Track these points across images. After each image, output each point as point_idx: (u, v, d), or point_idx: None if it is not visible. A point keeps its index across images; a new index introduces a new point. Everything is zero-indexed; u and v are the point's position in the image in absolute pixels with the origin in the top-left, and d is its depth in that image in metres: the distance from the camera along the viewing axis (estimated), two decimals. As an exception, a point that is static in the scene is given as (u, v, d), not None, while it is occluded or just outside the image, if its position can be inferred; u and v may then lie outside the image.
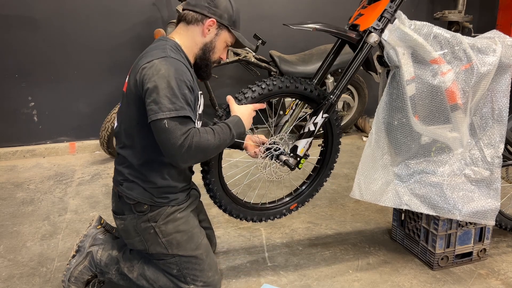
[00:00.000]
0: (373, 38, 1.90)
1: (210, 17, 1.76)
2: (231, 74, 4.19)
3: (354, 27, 2.01)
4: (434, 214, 2.07)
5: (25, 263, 2.25)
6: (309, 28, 1.84)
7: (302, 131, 1.97)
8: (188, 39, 1.80)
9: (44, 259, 2.27)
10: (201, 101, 1.87)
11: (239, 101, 1.83)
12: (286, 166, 1.97)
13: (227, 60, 3.63)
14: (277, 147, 1.99)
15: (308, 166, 2.12)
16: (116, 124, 1.85)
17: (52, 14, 3.67)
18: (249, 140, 2.02)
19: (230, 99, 1.84)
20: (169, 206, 1.81)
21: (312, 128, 1.94)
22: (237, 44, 1.89)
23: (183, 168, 1.84)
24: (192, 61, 1.83)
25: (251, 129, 2.22)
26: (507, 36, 2.13)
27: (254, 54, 3.72)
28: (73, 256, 1.95)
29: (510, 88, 2.13)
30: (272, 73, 3.85)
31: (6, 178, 3.37)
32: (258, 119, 2.30)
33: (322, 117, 1.94)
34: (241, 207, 2.03)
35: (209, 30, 1.78)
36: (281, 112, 3.71)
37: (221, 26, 1.80)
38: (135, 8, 3.84)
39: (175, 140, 1.58)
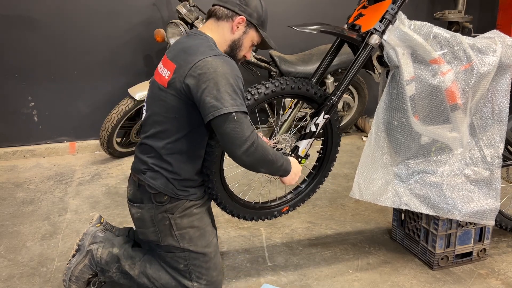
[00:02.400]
0: (375, 39, 1.90)
1: (240, 15, 1.77)
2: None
3: (353, 27, 2.01)
4: (434, 214, 2.08)
5: (25, 263, 2.25)
6: (313, 30, 1.84)
7: (303, 132, 1.97)
8: (219, 35, 1.80)
9: (44, 259, 2.27)
10: None
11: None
12: None
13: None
14: (280, 147, 2.00)
15: (304, 170, 2.12)
16: (144, 114, 1.85)
17: (52, 14, 3.66)
18: None
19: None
20: (188, 200, 1.82)
21: (313, 128, 1.95)
22: (261, 44, 1.90)
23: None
24: None
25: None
26: (507, 36, 2.13)
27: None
28: (73, 255, 1.95)
29: (510, 88, 2.13)
30: (272, 73, 3.85)
31: (6, 178, 3.37)
32: (259, 119, 2.29)
33: (323, 118, 1.95)
34: (236, 204, 2.03)
35: (238, 27, 1.79)
36: (281, 112, 3.70)
37: (249, 24, 1.81)
38: (135, 8, 3.84)
39: (244, 133, 1.62)
